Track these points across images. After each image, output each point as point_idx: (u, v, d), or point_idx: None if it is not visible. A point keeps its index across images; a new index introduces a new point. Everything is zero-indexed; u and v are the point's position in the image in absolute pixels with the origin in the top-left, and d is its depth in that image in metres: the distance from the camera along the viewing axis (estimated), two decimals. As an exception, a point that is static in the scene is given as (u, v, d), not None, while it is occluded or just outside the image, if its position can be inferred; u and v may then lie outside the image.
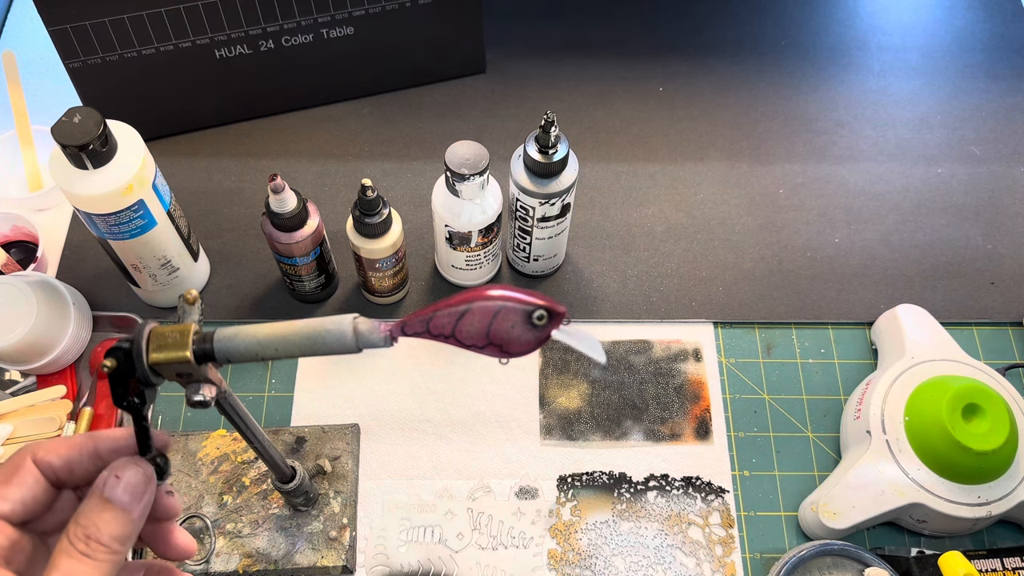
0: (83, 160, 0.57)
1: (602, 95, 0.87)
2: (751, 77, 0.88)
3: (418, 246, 0.77)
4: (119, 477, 0.33)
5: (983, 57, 0.91)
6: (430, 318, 0.35)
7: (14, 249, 0.75)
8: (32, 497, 0.35)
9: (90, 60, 0.73)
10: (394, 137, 0.83)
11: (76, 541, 0.32)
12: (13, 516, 0.34)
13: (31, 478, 0.35)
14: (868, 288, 0.76)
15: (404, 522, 0.65)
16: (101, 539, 0.32)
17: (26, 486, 0.34)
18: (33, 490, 0.35)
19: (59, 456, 0.35)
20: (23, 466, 0.35)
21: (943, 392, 0.62)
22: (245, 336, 0.37)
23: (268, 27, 0.75)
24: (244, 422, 0.47)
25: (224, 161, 0.81)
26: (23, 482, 0.34)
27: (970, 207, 0.81)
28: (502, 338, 0.35)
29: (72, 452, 0.36)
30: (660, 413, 0.70)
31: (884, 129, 0.85)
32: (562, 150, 0.62)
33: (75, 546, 0.32)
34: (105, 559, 0.32)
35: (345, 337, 0.36)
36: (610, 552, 0.65)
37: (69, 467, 0.36)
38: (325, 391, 0.70)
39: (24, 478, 0.35)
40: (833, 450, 0.69)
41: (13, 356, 0.65)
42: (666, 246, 0.78)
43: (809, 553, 0.60)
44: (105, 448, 0.36)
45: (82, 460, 0.36)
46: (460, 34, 0.83)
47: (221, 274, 0.75)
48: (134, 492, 0.33)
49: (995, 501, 0.61)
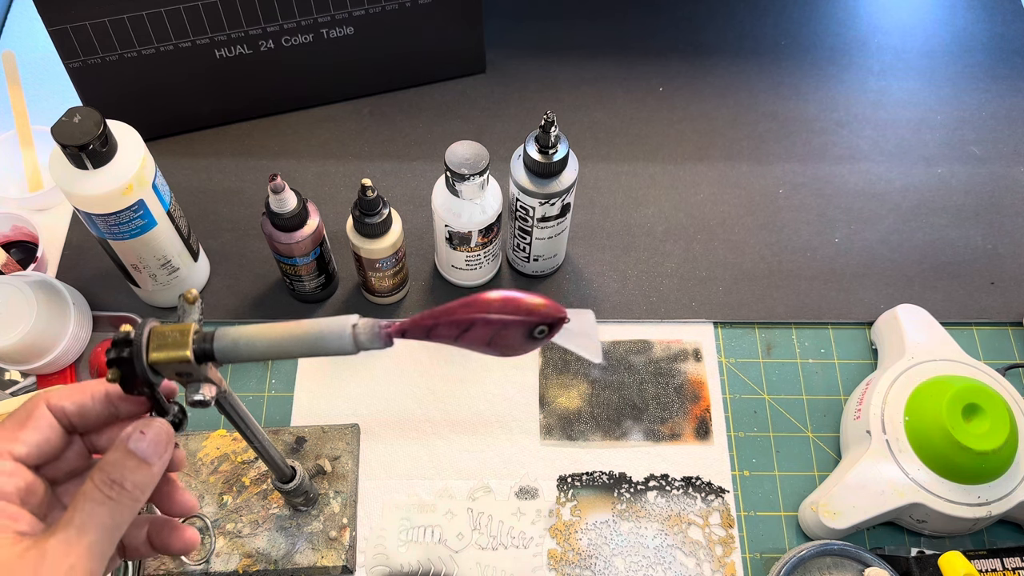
0: (83, 160, 0.57)
1: (602, 95, 0.87)
2: (751, 77, 0.88)
3: (418, 246, 0.77)
4: (144, 433, 0.35)
5: (983, 57, 0.91)
6: (431, 328, 0.35)
7: (14, 249, 0.75)
8: (46, 440, 0.36)
9: (90, 60, 0.73)
10: (394, 137, 0.83)
11: (102, 485, 0.34)
12: (28, 459, 0.36)
13: (45, 423, 0.37)
14: (868, 288, 0.76)
15: (404, 522, 0.65)
16: (125, 485, 0.34)
17: (40, 430, 0.36)
18: (47, 434, 0.36)
19: (72, 402, 0.37)
20: (37, 411, 0.37)
21: (943, 392, 0.62)
22: (245, 336, 0.37)
23: (268, 27, 0.75)
24: (244, 422, 0.48)
25: (224, 161, 0.81)
26: (37, 426, 0.36)
27: (970, 207, 0.81)
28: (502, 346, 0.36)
29: (84, 398, 0.37)
30: (660, 413, 0.70)
31: (884, 129, 0.85)
32: (562, 150, 0.62)
33: (100, 490, 0.34)
34: (126, 504, 0.34)
35: (344, 339, 0.36)
36: (610, 552, 0.65)
37: (82, 412, 0.37)
38: (325, 391, 0.70)
39: (38, 423, 0.36)
40: (833, 450, 0.69)
41: (13, 356, 0.65)
42: (666, 246, 0.78)
43: (809, 553, 0.60)
44: (117, 394, 0.38)
45: (95, 406, 0.38)
46: (460, 34, 0.83)
47: (221, 274, 0.75)
48: (156, 447, 0.35)
49: (995, 501, 0.61)
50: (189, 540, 0.40)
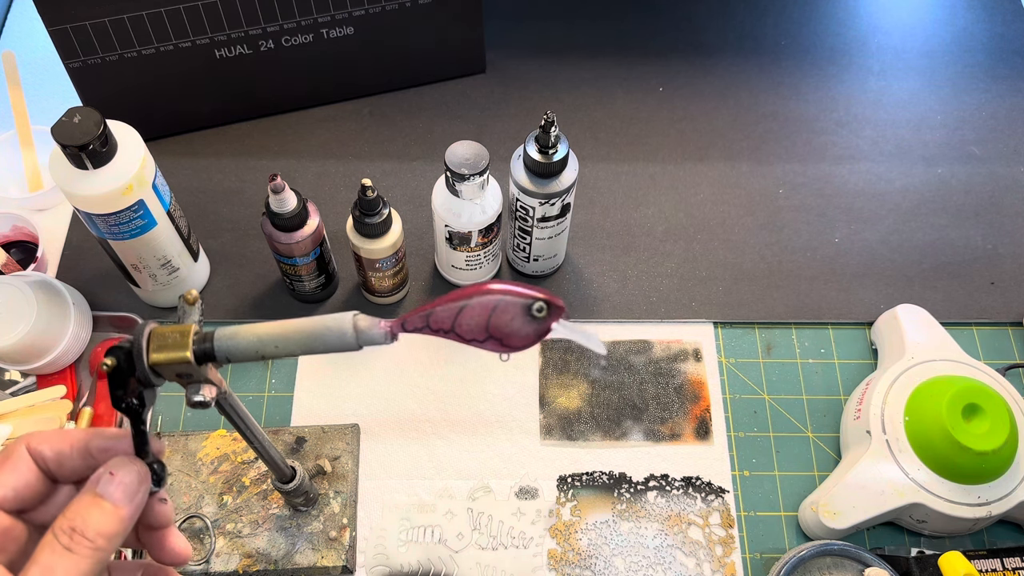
0: (83, 160, 0.57)
1: (602, 95, 0.87)
2: (751, 77, 0.88)
3: (418, 246, 0.77)
4: (113, 474, 0.33)
5: (983, 57, 0.91)
6: (430, 314, 0.35)
7: (14, 249, 0.75)
8: (25, 484, 0.34)
9: (90, 60, 0.73)
10: (394, 137, 0.83)
11: (60, 534, 0.31)
12: (4, 503, 0.34)
13: (24, 466, 0.35)
14: (868, 288, 0.76)
15: (404, 522, 0.65)
16: (86, 533, 0.31)
17: (19, 473, 0.34)
18: (26, 477, 0.35)
19: (51, 448, 0.35)
20: (16, 453, 0.35)
21: (943, 392, 0.62)
22: (245, 335, 0.36)
23: (268, 27, 0.75)
24: (244, 422, 0.47)
25: (224, 161, 0.81)
26: (16, 469, 0.34)
27: (970, 207, 0.81)
28: (502, 331, 0.35)
29: (63, 446, 0.35)
30: (660, 413, 0.70)
31: (884, 129, 0.85)
32: (562, 150, 0.62)
33: (59, 539, 0.31)
34: (87, 555, 0.31)
35: (345, 334, 0.36)
36: (610, 552, 0.65)
37: (59, 460, 0.35)
38: (325, 391, 0.70)
39: (17, 465, 0.34)
40: (833, 450, 0.69)
41: (13, 356, 0.65)
42: (666, 246, 0.78)
43: (809, 553, 0.60)
44: (97, 447, 0.36)
45: (72, 455, 0.36)
46: (460, 34, 0.83)
47: (221, 274, 0.75)
48: (127, 490, 0.33)
49: (995, 501, 0.61)
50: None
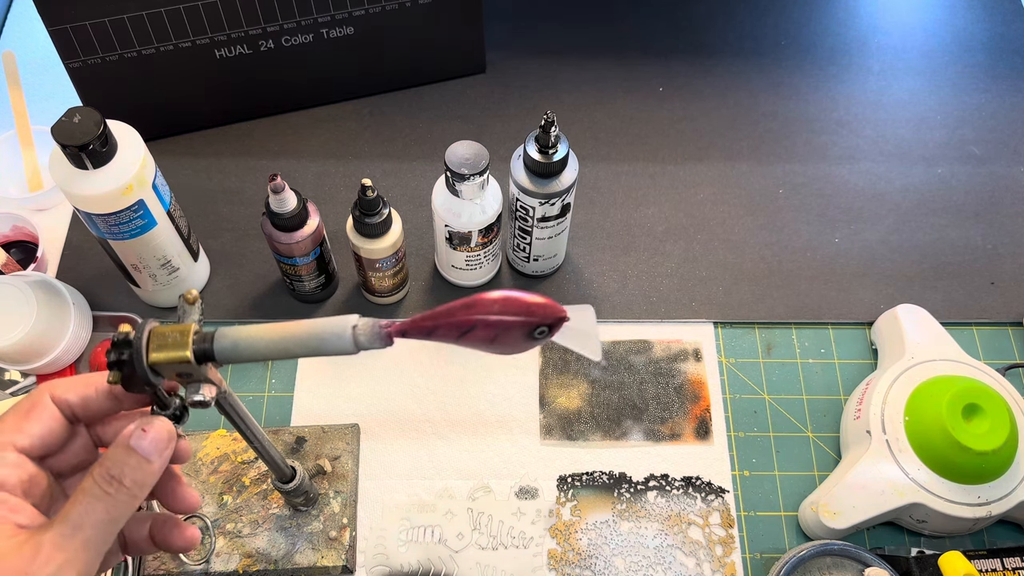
0: (83, 160, 0.57)
1: (602, 95, 0.87)
2: (751, 77, 0.88)
3: (418, 246, 0.77)
4: (145, 431, 0.35)
5: (983, 57, 0.91)
6: (432, 330, 0.35)
7: (14, 249, 0.75)
8: (50, 432, 0.37)
9: (90, 60, 0.73)
10: (394, 137, 0.83)
11: (101, 481, 0.34)
12: (32, 450, 0.36)
13: (48, 414, 0.37)
14: (868, 288, 0.76)
15: (404, 522, 0.65)
16: (124, 481, 0.34)
17: (43, 421, 0.37)
18: (50, 426, 0.37)
19: (76, 393, 0.38)
20: (41, 402, 0.37)
21: (943, 392, 0.62)
22: (245, 336, 0.37)
23: (268, 27, 0.75)
24: (244, 422, 0.48)
25: (224, 161, 0.81)
26: (40, 418, 0.37)
27: (970, 207, 0.81)
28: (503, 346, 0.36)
29: (88, 390, 0.38)
30: (660, 413, 0.70)
31: (884, 129, 0.85)
32: (562, 150, 0.62)
33: (99, 485, 0.34)
34: (124, 500, 0.34)
35: (344, 339, 0.36)
36: (610, 552, 0.65)
37: (85, 404, 0.38)
38: (325, 391, 0.70)
39: (41, 414, 0.37)
40: (833, 450, 0.69)
41: (13, 356, 0.65)
42: (666, 246, 0.78)
43: (809, 553, 0.60)
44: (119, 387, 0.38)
45: (98, 398, 0.38)
46: (460, 34, 0.83)
47: (221, 274, 0.75)
48: (157, 444, 0.35)
49: (995, 501, 0.61)
50: (190, 537, 0.40)
